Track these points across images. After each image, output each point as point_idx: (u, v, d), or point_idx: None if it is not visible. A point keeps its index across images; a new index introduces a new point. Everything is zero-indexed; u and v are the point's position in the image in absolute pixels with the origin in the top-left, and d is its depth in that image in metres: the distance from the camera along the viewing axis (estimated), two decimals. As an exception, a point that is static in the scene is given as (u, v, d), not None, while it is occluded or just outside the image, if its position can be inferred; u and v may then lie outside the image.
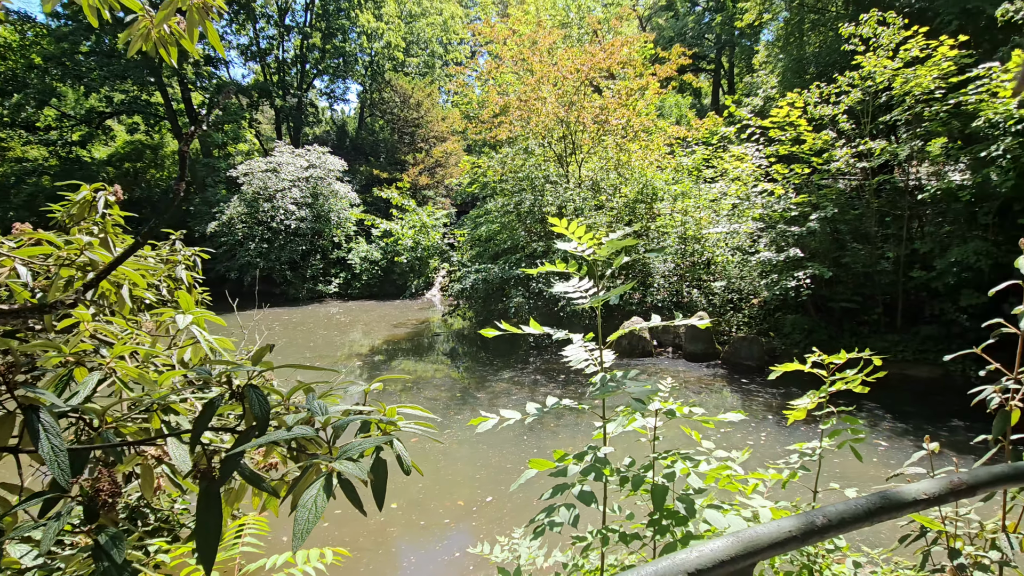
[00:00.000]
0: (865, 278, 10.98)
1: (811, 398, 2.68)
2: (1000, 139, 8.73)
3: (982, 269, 9.38)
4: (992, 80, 8.61)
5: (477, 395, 9.86)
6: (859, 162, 10.21)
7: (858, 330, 11.09)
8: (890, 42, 9.85)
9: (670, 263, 14.59)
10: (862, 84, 10.24)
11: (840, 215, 10.82)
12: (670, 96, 20.82)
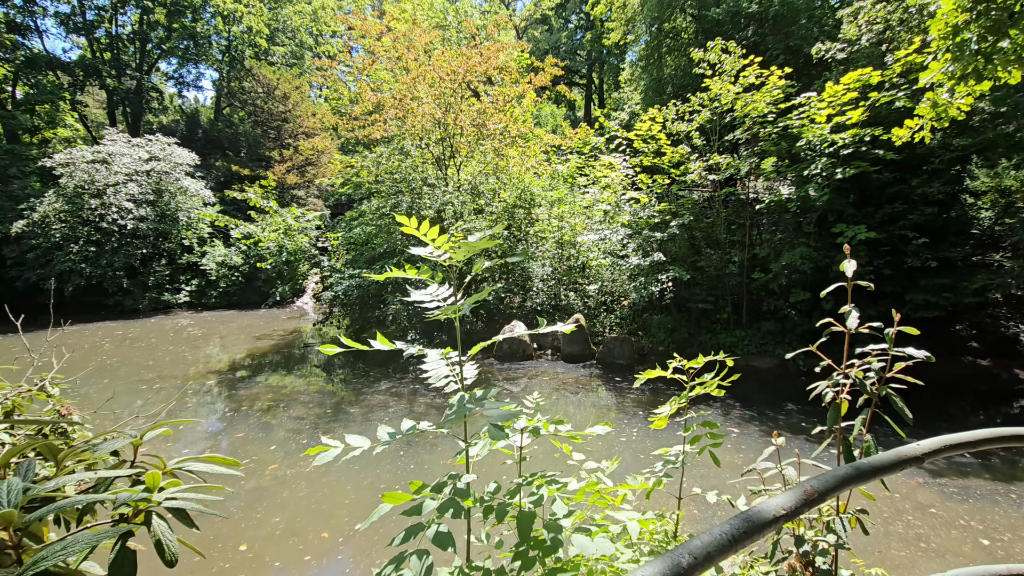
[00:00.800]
0: (717, 280, 12.15)
1: (672, 404, 2.69)
2: (817, 159, 10.14)
3: (806, 271, 10.83)
4: (811, 108, 9.96)
5: (351, 410, 9.15)
6: (709, 175, 11.27)
7: (712, 327, 12.23)
8: (732, 69, 11.01)
9: (548, 267, 14.98)
10: (710, 105, 11.33)
11: (695, 223, 11.88)
12: (546, 106, 21.59)
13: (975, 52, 4.27)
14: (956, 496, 6.11)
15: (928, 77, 4.75)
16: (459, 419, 1.65)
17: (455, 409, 1.71)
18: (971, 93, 4.99)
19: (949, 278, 9.93)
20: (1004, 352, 10.99)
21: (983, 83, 4.88)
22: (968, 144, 9.55)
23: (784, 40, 13.49)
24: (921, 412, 9.20)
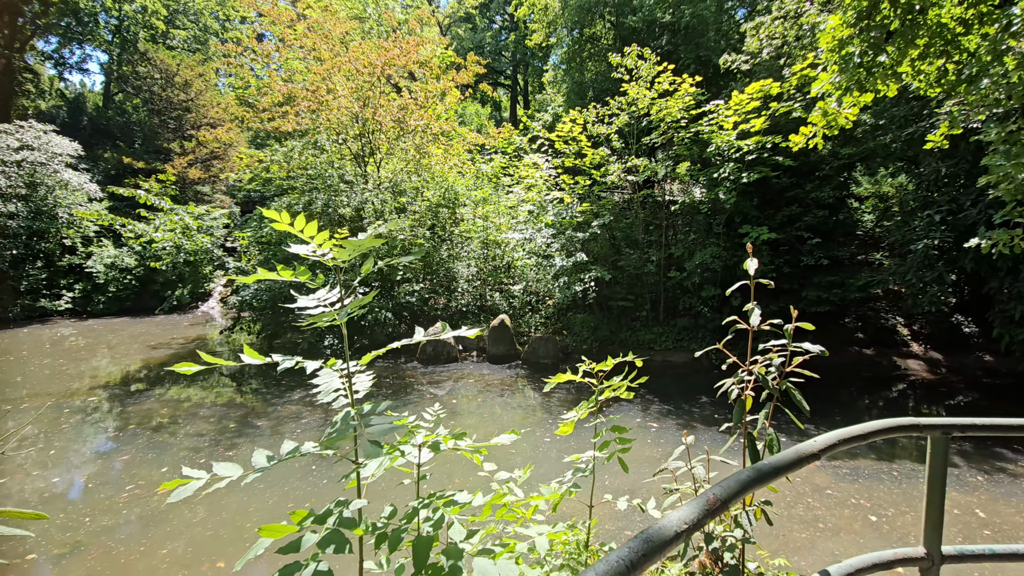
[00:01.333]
0: (636, 279, 12.55)
1: (581, 409, 2.62)
2: (725, 164, 10.73)
3: (716, 269, 11.44)
4: (719, 115, 10.52)
5: (258, 423, 8.46)
6: (628, 176, 11.61)
7: (632, 325, 12.61)
8: (648, 75, 11.40)
9: (473, 268, 14.81)
10: (628, 109, 11.67)
11: (615, 223, 12.19)
12: (471, 105, 21.44)
13: (858, 65, 4.62)
14: (848, 477, 6.60)
15: (819, 87, 5.10)
16: (341, 437, 1.43)
17: (337, 427, 1.49)
18: (856, 104, 5.41)
19: (838, 276, 10.86)
20: (884, 342, 12.20)
21: (866, 95, 5.30)
22: (853, 153, 10.50)
23: (695, 51, 14.19)
24: (816, 399, 9.99)
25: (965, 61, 4.60)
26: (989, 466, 6.83)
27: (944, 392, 10.29)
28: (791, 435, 7.71)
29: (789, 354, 2.71)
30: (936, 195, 9.49)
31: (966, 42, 4.92)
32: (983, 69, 4.32)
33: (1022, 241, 4.59)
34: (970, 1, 4.75)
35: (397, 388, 10.26)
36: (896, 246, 11.33)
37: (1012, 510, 5.75)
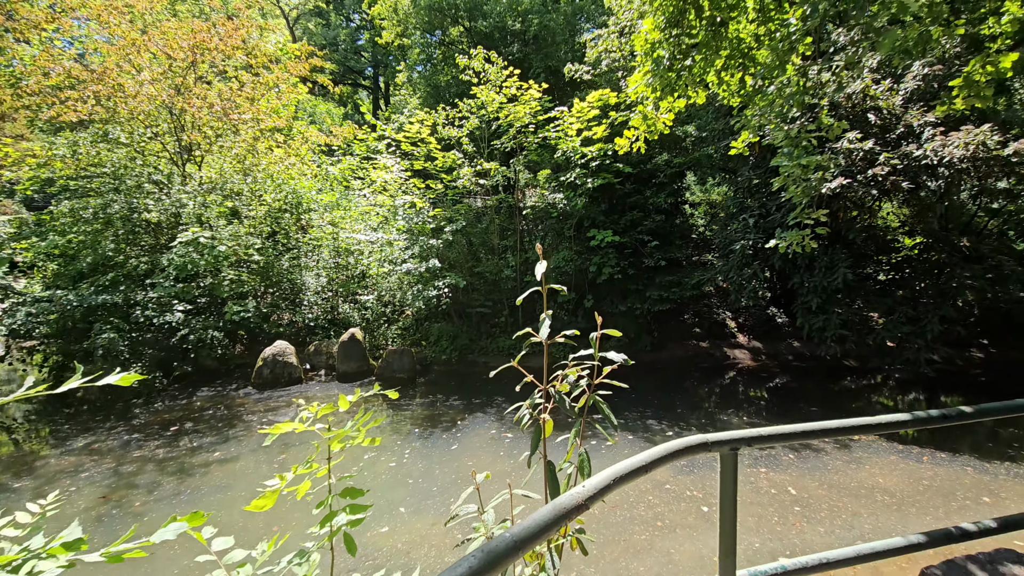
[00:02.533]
0: (494, 285, 12.37)
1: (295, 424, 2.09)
2: (572, 169, 10.96)
3: (570, 273, 11.66)
4: (564, 122, 10.71)
5: (16, 483, 6.65)
6: (480, 180, 11.38)
7: (492, 332, 12.40)
8: (496, 79, 11.28)
9: (323, 278, 13.59)
10: (478, 112, 11.45)
11: (471, 228, 11.89)
12: (321, 103, 19.96)
13: (668, 68, 4.74)
14: (685, 468, 6.85)
15: (633, 87, 5.19)
16: None
17: None
18: (672, 109, 5.61)
19: (675, 276, 11.66)
20: (717, 334, 13.41)
21: (679, 101, 5.51)
22: (682, 162, 11.36)
23: (545, 60, 14.51)
24: (662, 391, 10.58)
25: (757, 72, 4.94)
26: (799, 443, 7.57)
27: (764, 376, 11.50)
28: (636, 432, 7.93)
29: (596, 366, 2.36)
30: (750, 201, 10.59)
31: (760, 56, 5.31)
32: (768, 75, 4.64)
33: (812, 241, 4.90)
34: (761, 19, 5.12)
35: (222, 422, 8.83)
36: (721, 247, 12.46)
37: (816, 483, 6.34)
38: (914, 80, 9.80)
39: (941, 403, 9.77)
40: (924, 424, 2.11)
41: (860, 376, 11.43)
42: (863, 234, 10.39)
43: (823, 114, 4.44)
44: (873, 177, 8.66)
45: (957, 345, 11.86)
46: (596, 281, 11.82)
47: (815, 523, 5.39)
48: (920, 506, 5.68)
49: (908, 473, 6.53)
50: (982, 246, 10.74)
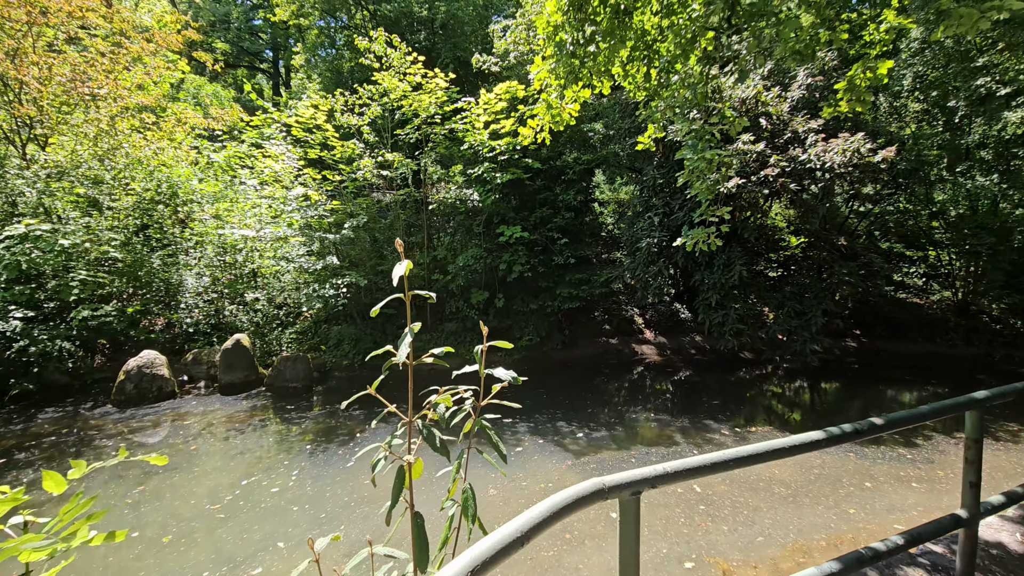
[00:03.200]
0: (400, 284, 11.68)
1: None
2: (480, 164, 10.55)
3: (479, 271, 11.25)
4: (471, 113, 10.26)
5: None
6: (382, 172, 10.64)
7: (398, 333, 11.67)
8: (400, 65, 10.60)
9: (207, 277, 12.13)
10: (380, 100, 10.70)
11: (374, 224, 11.11)
12: (208, 84, 17.94)
13: (571, 54, 4.45)
14: (594, 471, 6.66)
15: (536, 72, 4.86)
16: None
17: None
18: (577, 99, 5.35)
19: (585, 273, 11.64)
20: (625, 331, 13.64)
21: (584, 90, 5.26)
22: (591, 159, 11.33)
23: (454, 50, 13.97)
24: (573, 389, 10.49)
25: (661, 63, 4.79)
26: (701, 439, 7.69)
27: (670, 371, 11.81)
28: (546, 436, 7.67)
29: (483, 386, 2.05)
30: (655, 199, 10.79)
31: (663, 48, 5.18)
32: (670, 67, 4.51)
33: (717, 239, 4.80)
34: (665, 12, 4.98)
35: (68, 449, 7.44)
36: (628, 245, 12.64)
37: (719, 479, 6.40)
38: (799, 89, 10.44)
39: (822, 390, 10.52)
40: (839, 441, 1.91)
41: (754, 367, 12.08)
42: (756, 233, 10.94)
43: (726, 106, 4.37)
44: (764, 178, 9.07)
45: (836, 336, 12.92)
46: (507, 279, 11.52)
47: (719, 521, 5.37)
48: (812, 496, 5.87)
49: (800, 463, 6.79)
50: (855, 245, 11.73)
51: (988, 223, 11.67)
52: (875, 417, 2.05)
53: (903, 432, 8.07)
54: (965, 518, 2.23)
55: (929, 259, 14.19)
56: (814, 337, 9.84)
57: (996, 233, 11.70)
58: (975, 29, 4.17)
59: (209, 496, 6.00)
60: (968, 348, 12.50)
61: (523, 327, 11.84)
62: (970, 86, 11.76)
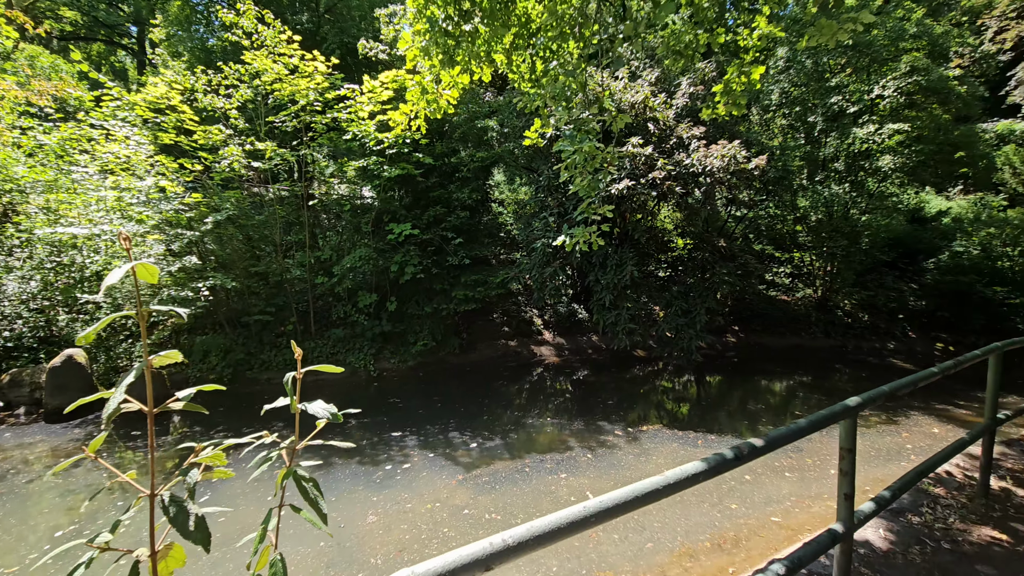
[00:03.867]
0: (279, 287, 10.58)
1: None
2: (367, 157, 9.80)
3: (368, 272, 10.49)
4: (355, 102, 9.48)
5: None
6: (254, 162, 9.51)
7: (277, 342, 10.57)
8: (273, 44, 9.54)
9: (35, 282, 10.17)
10: (251, 81, 9.58)
11: (246, 220, 9.93)
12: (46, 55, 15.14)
13: (445, 32, 4.02)
14: (487, 485, 6.26)
15: (406, 47, 4.38)
16: None
17: None
18: (456, 85, 4.94)
19: (481, 274, 11.29)
20: (524, 332, 13.50)
21: (463, 76, 4.85)
22: (486, 157, 11.00)
23: (340, 35, 12.99)
24: (470, 395, 10.07)
25: (538, 47, 4.52)
26: (595, 441, 7.61)
27: (568, 372, 11.81)
28: (436, 449, 7.15)
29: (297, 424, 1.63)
30: (550, 199, 10.71)
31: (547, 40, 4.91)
32: (548, 47, 4.25)
33: (599, 238, 4.58)
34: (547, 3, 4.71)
35: None
36: (526, 246, 12.50)
37: (611, 484, 6.28)
38: (683, 97, 10.88)
39: (707, 383, 11.05)
40: (720, 470, 1.66)
41: (647, 364, 12.46)
42: (646, 235, 11.26)
43: (605, 96, 4.18)
44: (653, 180, 9.28)
45: (717, 332, 13.73)
46: (399, 281, 10.86)
47: (610, 530, 5.21)
48: (698, 493, 5.93)
49: (687, 459, 6.89)
50: (733, 247, 12.50)
51: (841, 228, 13.00)
52: (756, 439, 1.82)
53: (774, 423, 8.59)
54: (841, 533, 2.10)
55: (794, 260, 15.60)
56: (699, 334, 10.27)
57: (847, 237, 13.06)
58: (834, 40, 4.33)
59: (4, 557, 4.80)
60: (827, 340, 13.85)
61: (418, 331, 11.23)
62: (826, 104, 13.04)
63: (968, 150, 16.13)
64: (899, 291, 14.63)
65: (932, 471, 2.84)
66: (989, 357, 3.31)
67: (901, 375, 9.59)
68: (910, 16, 14.21)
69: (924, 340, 13.74)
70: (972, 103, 12.95)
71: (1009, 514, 3.50)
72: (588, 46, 4.00)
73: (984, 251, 13.37)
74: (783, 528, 5.15)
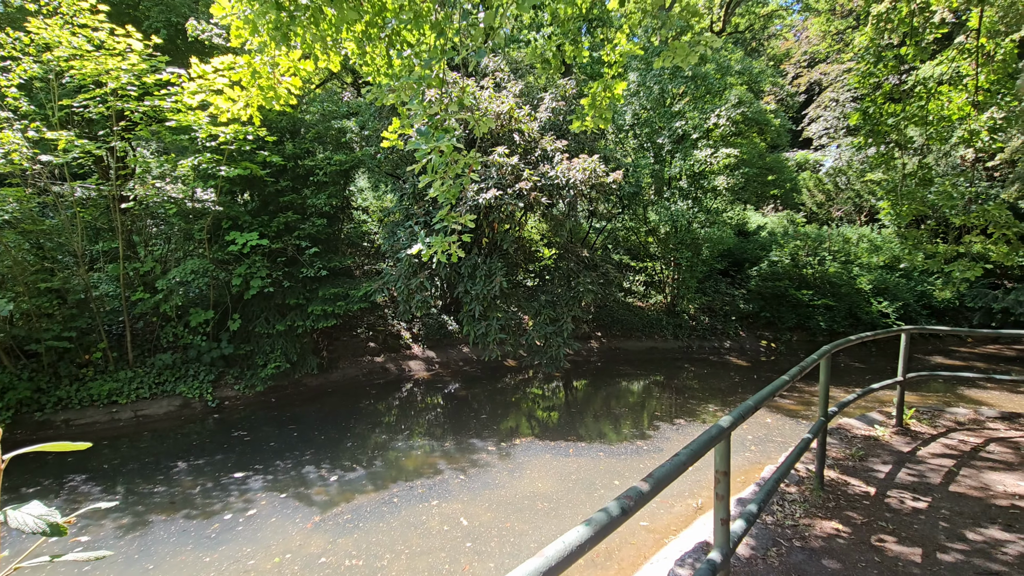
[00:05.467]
0: (82, 307, 8.67)
1: None
2: (200, 152, 8.48)
3: (203, 287, 9.06)
4: (185, 89, 8.12)
5: None
6: (42, 154, 7.66)
7: (80, 374, 8.63)
8: (72, 12, 7.83)
9: None
10: (38, 55, 7.75)
11: (31, 225, 7.97)
12: None
13: (275, 3, 3.42)
14: (348, 524, 5.57)
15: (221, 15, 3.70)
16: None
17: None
18: (297, 72, 4.32)
19: (342, 287, 10.40)
20: (392, 347, 12.77)
21: (307, 61, 4.26)
22: (344, 160, 10.18)
23: (167, 13, 11.19)
24: (331, 420, 9.12)
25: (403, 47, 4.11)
26: (467, 461, 7.26)
27: (439, 386, 11.36)
28: (286, 489, 6.23)
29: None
30: (416, 207, 10.22)
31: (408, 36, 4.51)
32: (400, 33, 3.87)
33: (459, 249, 4.25)
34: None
35: None
36: (391, 256, 11.85)
37: (485, 505, 5.95)
38: (546, 111, 11.14)
39: (575, 388, 11.36)
40: (607, 531, 1.39)
41: (517, 373, 12.49)
42: (514, 245, 11.29)
43: (465, 89, 3.90)
44: (519, 191, 9.29)
45: (583, 339, 14.28)
46: (244, 296, 9.55)
47: (486, 557, 4.88)
48: (572, 505, 5.86)
49: (559, 470, 6.86)
50: (595, 257, 13.10)
51: (685, 240, 14.35)
52: (640, 482, 1.59)
53: (636, 424, 9.02)
54: (719, 561, 1.98)
55: (647, 269, 16.89)
56: (566, 341, 10.50)
57: (690, 248, 14.45)
58: (687, 61, 4.56)
59: None
60: (676, 342, 15.16)
61: (268, 352, 9.97)
62: (671, 127, 14.35)
63: (778, 174, 18.96)
64: (732, 296, 16.55)
65: (787, 475, 2.95)
66: (820, 360, 3.60)
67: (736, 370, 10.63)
68: (732, 56, 16.30)
69: (752, 338, 15.68)
70: (783, 134, 15.15)
71: (842, 504, 3.86)
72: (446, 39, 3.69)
73: (792, 260, 15.68)
74: (651, 532, 5.25)
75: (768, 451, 7.42)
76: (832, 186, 23.88)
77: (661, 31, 12.12)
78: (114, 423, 8.49)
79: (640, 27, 4.89)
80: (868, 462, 4.99)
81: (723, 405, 10.18)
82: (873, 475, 4.61)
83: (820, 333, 14.69)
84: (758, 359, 14.36)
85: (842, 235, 17.05)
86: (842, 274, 14.94)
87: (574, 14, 5.04)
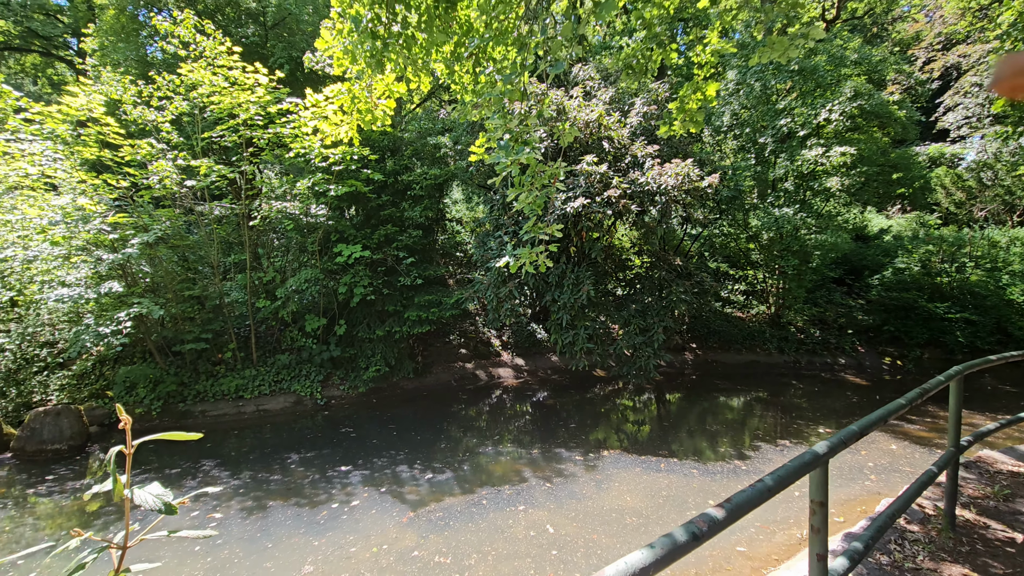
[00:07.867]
0: (215, 312, 9.88)
1: None
2: (313, 174, 9.33)
3: (314, 295, 9.93)
4: (300, 116, 9.02)
5: None
6: (188, 179, 8.88)
7: (214, 371, 9.83)
8: (214, 56, 9.02)
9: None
10: (186, 93, 9.01)
11: (179, 241, 9.25)
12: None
13: (371, 32, 3.72)
14: (439, 522, 5.82)
15: (325, 49, 4.07)
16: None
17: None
18: (391, 95, 4.64)
19: (436, 295, 10.88)
20: (482, 354, 13.12)
21: (399, 84, 4.56)
22: (439, 174, 10.69)
23: (289, 50, 12.51)
24: (425, 422, 9.57)
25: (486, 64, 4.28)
26: (552, 471, 7.26)
27: (527, 394, 11.48)
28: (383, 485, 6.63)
29: (127, 514, 1.40)
30: (505, 218, 10.46)
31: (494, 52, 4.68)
32: (485, 49, 4.02)
33: (547, 259, 4.30)
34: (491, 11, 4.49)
35: None
36: (482, 265, 12.20)
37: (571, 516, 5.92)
38: (637, 116, 10.91)
39: (667, 401, 10.92)
40: (673, 558, 1.33)
41: (607, 384, 12.27)
42: (603, 253, 11.14)
43: (545, 103, 3.96)
44: (608, 199, 9.17)
45: (676, 350, 13.70)
46: (349, 303, 10.34)
47: (572, 567, 4.85)
48: (662, 522, 5.66)
49: (649, 485, 6.64)
50: (689, 265, 12.55)
51: (791, 247, 13.28)
52: (716, 508, 1.53)
53: (734, 443, 8.48)
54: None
55: (748, 277, 15.84)
56: (656, 353, 10.14)
57: (798, 256, 13.34)
58: (785, 56, 4.26)
59: None
60: (780, 356, 14.03)
61: (369, 356, 10.69)
62: (775, 126, 13.39)
63: (905, 172, 16.94)
64: (847, 307, 15.03)
65: (904, 511, 2.63)
66: (950, 383, 3.17)
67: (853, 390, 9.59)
68: (848, 44, 14.88)
69: (872, 354, 14.10)
70: (910, 127, 13.55)
71: (978, 549, 3.36)
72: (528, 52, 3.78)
73: (924, 268, 13.90)
74: (749, 559, 4.91)
75: (891, 482, 6.64)
76: (975, 182, 20.91)
77: (760, 25, 11.39)
78: (240, 415, 9.54)
79: (739, 22, 4.63)
80: (1015, 503, 4.29)
81: (838, 428, 9.24)
82: (1021, 519, 3.96)
83: (959, 350, 12.86)
84: (880, 378, 12.87)
85: (988, 238, 14.84)
86: (988, 283, 12.99)
87: (661, 16, 4.91)
